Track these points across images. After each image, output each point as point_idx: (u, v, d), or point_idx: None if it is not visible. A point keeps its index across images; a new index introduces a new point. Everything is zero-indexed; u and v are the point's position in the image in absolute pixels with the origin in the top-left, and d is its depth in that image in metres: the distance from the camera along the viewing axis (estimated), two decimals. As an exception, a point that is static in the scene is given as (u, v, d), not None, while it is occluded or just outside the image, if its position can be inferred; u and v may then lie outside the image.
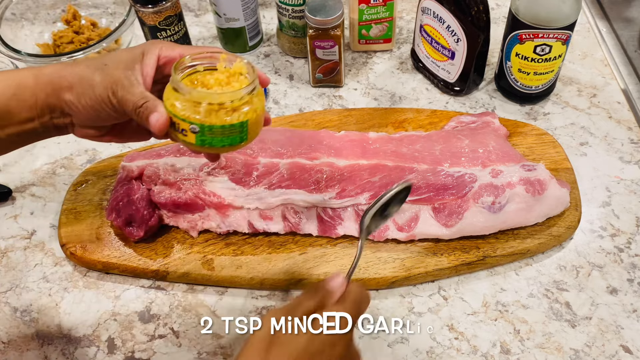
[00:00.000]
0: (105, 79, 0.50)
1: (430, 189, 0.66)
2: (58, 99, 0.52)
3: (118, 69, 0.51)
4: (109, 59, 0.52)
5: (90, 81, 0.51)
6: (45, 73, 0.52)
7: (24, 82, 0.51)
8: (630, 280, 0.65)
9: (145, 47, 0.53)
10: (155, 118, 0.49)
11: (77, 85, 0.51)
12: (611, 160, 0.75)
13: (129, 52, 0.53)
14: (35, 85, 0.51)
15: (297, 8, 0.83)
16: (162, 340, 0.62)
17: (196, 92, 0.48)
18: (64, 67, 0.52)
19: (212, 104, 0.47)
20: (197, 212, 0.68)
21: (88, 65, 0.52)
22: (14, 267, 0.68)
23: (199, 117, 0.48)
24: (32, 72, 0.52)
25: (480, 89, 0.85)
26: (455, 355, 0.60)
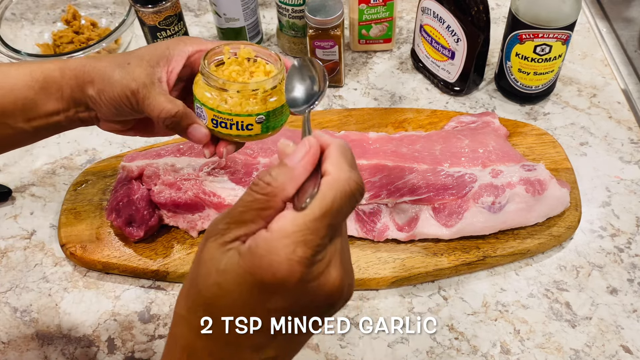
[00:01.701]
0: (125, 77, 0.49)
1: (430, 189, 0.66)
2: (82, 94, 0.51)
3: (140, 67, 0.49)
4: (133, 57, 0.51)
5: (110, 78, 0.49)
6: (71, 67, 0.51)
7: (51, 74, 0.50)
8: (630, 280, 0.65)
9: (172, 43, 0.51)
10: (199, 132, 0.50)
11: (98, 81, 0.50)
12: (611, 160, 0.75)
13: (153, 49, 0.51)
14: (61, 78, 0.50)
15: (297, 8, 0.83)
16: (162, 340, 0.62)
17: (253, 83, 0.49)
18: (89, 61, 0.51)
19: (266, 91, 0.49)
20: (197, 212, 0.68)
21: (111, 61, 0.51)
22: (14, 267, 0.68)
23: (262, 106, 0.49)
24: (58, 65, 0.51)
25: (480, 89, 0.85)
26: (455, 355, 0.60)
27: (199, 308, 0.35)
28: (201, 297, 0.35)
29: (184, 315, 0.36)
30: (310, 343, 0.61)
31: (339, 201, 0.34)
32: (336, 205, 0.34)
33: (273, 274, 0.33)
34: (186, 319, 0.36)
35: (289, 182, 0.35)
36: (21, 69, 0.50)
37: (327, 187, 0.34)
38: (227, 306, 0.34)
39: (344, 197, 0.34)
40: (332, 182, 0.35)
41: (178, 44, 0.51)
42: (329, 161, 0.36)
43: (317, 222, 0.33)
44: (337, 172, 0.35)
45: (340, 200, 0.34)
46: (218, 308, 0.34)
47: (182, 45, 0.51)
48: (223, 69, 0.51)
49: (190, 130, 0.50)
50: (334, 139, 0.37)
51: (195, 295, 0.35)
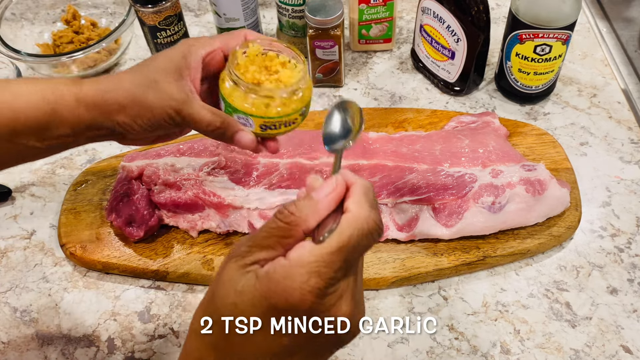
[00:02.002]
0: (161, 97, 0.49)
1: (430, 189, 0.66)
2: (109, 120, 0.49)
3: (170, 83, 0.49)
4: (154, 72, 0.50)
5: (145, 102, 0.49)
6: (88, 94, 0.49)
7: (64, 100, 0.48)
8: (630, 280, 0.65)
9: (185, 50, 0.51)
10: (246, 138, 0.51)
11: (131, 107, 0.49)
12: (611, 160, 0.75)
13: (169, 61, 0.50)
14: (76, 106, 0.49)
15: (297, 8, 0.83)
16: (162, 340, 0.62)
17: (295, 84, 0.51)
18: (108, 85, 0.49)
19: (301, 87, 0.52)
20: (197, 212, 0.68)
21: (135, 82, 0.49)
22: (13, 267, 0.68)
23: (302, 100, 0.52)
24: (71, 90, 0.49)
25: (480, 89, 0.85)
26: (455, 355, 0.60)
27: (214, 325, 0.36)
28: (217, 315, 0.36)
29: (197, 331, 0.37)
30: (310, 343, 0.61)
31: (356, 238, 0.36)
32: (353, 242, 0.36)
33: (286, 300, 0.34)
34: (200, 335, 0.37)
35: (312, 215, 0.37)
36: (32, 89, 0.48)
37: (346, 224, 0.36)
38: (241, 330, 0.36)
39: (362, 234, 0.36)
40: (351, 220, 0.36)
41: (190, 51, 0.51)
42: (351, 199, 0.38)
43: (333, 256, 0.35)
44: (358, 210, 0.37)
45: (357, 238, 0.36)
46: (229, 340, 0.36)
47: (194, 50, 0.51)
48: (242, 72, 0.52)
49: (238, 138, 0.51)
50: (359, 179, 0.39)
51: (211, 313, 0.37)
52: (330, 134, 0.48)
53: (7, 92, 0.47)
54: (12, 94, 0.47)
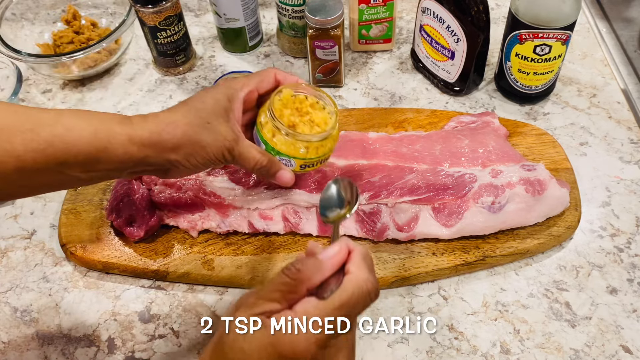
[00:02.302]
0: (216, 138, 0.53)
1: (430, 189, 0.66)
2: (161, 159, 0.52)
3: (221, 125, 0.53)
4: (205, 113, 0.53)
5: (200, 142, 0.53)
6: (143, 135, 0.51)
7: (117, 139, 0.50)
8: (630, 280, 0.65)
9: (228, 93, 0.55)
10: (287, 176, 0.59)
11: (186, 147, 0.52)
12: (611, 160, 0.75)
13: (216, 102, 0.54)
14: (129, 144, 0.51)
15: (297, 8, 0.83)
16: (162, 340, 0.62)
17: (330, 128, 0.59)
18: (160, 126, 0.52)
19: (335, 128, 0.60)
20: (197, 212, 0.68)
21: (190, 123, 0.52)
22: (14, 267, 0.69)
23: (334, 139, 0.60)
24: (124, 130, 0.50)
25: (480, 89, 0.85)
26: (455, 355, 0.60)
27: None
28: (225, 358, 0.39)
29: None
30: (310, 343, 0.61)
31: (356, 297, 0.40)
32: (354, 300, 0.40)
33: (292, 349, 0.38)
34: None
35: (317, 274, 0.41)
36: (85, 124, 0.50)
37: (348, 284, 0.41)
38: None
39: (361, 294, 0.41)
40: (353, 280, 0.41)
41: (233, 94, 0.55)
42: (352, 263, 0.43)
43: (336, 312, 0.39)
44: (358, 272, 0.42)
45: (357, 297, 0.40)
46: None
47: (236, 93, 0.56)
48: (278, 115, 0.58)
49: (279, 176, 0.59)
50: (358, 245, 0.45)
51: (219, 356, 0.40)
52: (326, 204, 0.53)
53: (60, 126, 0.49)
54: (64, 128, 0.49)
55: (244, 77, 0.58)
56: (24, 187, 0.51)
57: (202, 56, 0.92)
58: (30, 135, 0.48)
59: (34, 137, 0.48)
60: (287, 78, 0.60)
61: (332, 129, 0.58)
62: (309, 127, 0.59)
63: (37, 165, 0.48)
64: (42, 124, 0.48)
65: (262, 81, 0.58)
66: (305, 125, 0.59)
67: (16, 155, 0.47)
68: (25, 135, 0.47)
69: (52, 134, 0.48)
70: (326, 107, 0.60)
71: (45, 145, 0.48)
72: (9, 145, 0.47)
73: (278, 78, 0.59)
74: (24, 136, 0.47)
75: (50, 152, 0.48)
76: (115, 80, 0.90)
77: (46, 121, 0.49)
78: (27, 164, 0.48)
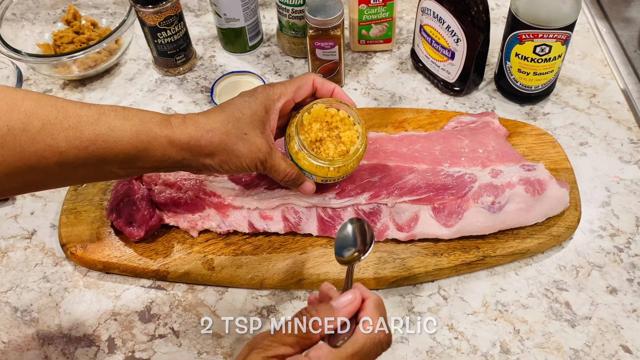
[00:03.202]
0: (251, 150, 0.56)
1: (430, 189, 0.66)
2: (196, 162, 0.55)
3: (257, 137, 0.56)
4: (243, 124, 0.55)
5: (236, 152, 0.55)
6: (183, 140, 0.53)
7: (158, 141, 0.52)
8: (630, 280, 0.65)
9: (266, 103, 0.57)
10: (309, 187, 0.62)
11: (221, 154, 0.55)
12: (611, 160, 0.75)
13: (254, 112, 0.56)
14: (168, 147, 0.53)
15: (297, 8, 0.83)
16: (162, 340, 0.62)
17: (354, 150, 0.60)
18: (200, 132, 0.54)
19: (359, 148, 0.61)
20: (197, 212, 0.68)
21: (227, 132, 0.54)
22: (14, 267, 0.69)
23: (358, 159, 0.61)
24: (164, 132, 0.52)
25: (480, 89, 0.85)
26: (455, 355, 0.60)
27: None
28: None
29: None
30: (310, 343, 0.61)
31: (369, 347, 0.42)
32: (366, 349, 0.41)
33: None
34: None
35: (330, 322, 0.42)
36: (127, 125, 0.51)
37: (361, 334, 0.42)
38: None
39: (373, 344, 0.42)
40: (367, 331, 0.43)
41: (271, 106, 0.57)
42: (365, 311, 0.44)
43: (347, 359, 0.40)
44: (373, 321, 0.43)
45: (369, 347, 0.42)
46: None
47: (273, 104, 0.57)
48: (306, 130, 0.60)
49: (303, 187, 0.62)
50: (372, 294, 0.46)
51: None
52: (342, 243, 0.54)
53: (103, 125, 0.50)
54: (107, 127, 0.50)
55: (281, 84, 0.59)
56: (63, 178, 0.53)
57: (202, 56, 0.92)
58: (74, 132, 0.49)
59: (77, 134, 0.49)
60: (325, 85, 0.61)
61: (355, 152, 0.60)
62: (335, 144, 0.61)
63: (78, 160, 0.49)
64: (84, 122, 0.49)
65: (300, 88, 0.60)
66: (332, 141, 0.61)
67: (59, 152, 0.48)
68: (68, 133, 0.48)
69: (95, 133, 0.49)
70: (356, 124, 0.61)
71: (88, 144, 0.49)
72: (53, 141, 0.48)
73: (316, 85, 0.61)
74: (67, 133, 0.48)
75: (92, 150, 0.50)
76: (115, 80, 0.90)
77: (89, 119, 0.50)
78: (69, 160, 0.49)
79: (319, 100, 0.61)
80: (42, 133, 0.48)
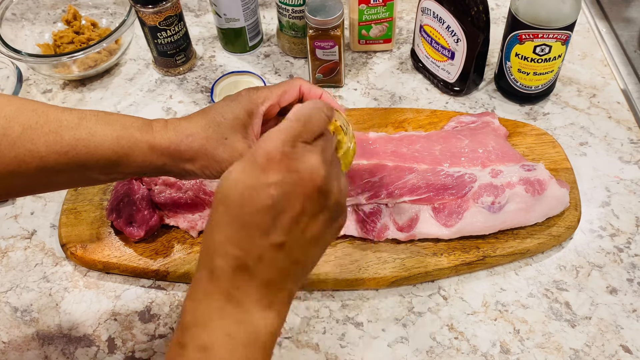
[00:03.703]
0: (232, 155, 0.54)
1: (430, 189, 0.66)
2: (177, 167, 0.54)
3: (238, 141, 0.54)
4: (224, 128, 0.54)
5: (216, 157, 0.54)
6: (162, 145, 0.53)
7: (139, 146, 0.52)
8: (630, 280, 0.65)
9: (248, 107, 0.55)
10: None
11: (201, 159, 0.54)
12: (611, 160, 0.75)
13: (236, 116, 0.55)
14: (149, 152, 0.52)
15: (297, 8, 0.83)
16: (163, 340, 0.62)
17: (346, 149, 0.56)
18: (179, 137, 0.53)
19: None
20: (197, 212, 0.68)
21: (208, 137, 0.54)
22: (14, 267, 0.69)
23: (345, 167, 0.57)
24: (145, 137, 0.52)
25: (480, 89, 0.85)
26: (455, 355, 0.60)
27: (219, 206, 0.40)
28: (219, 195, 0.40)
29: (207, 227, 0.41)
30: (310, 342, 0.61)
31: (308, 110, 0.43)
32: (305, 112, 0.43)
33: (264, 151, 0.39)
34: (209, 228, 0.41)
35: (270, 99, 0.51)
36: (108, 130, 0.51)
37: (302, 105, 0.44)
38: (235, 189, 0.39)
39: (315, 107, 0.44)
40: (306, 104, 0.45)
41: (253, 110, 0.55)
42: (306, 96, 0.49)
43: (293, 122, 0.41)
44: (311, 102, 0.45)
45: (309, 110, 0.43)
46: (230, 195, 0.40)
47: (256, 108, 0.55)
48: None
49: None
50: None
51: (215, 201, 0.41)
52: None
53: (84, 130, 0.50)
54: (88, 133, 0.50)
55: (266, 88, 0.57)
56: (44, 184, 0.52)
57: (202, 56, 0.92)
58: (54, 137, 0.49)
59: (58, 139, 0.49)
60: (312, 90, 0.59)
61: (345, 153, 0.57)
62: None
63: (58, 166, 0.49)
64: (65, 127, 0.49)
65: (286, 93, 0.57)
66: None
67: (39, 157, 0.48)
68: (48, 137, 0.48)
69: (75, 138, 0.49)
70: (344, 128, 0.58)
71: (68, 149, 0.49)
72: (33, 146, 0.48)
73: (302, 90, 0.58)
74: (47, 138, 0.48)
75: (72, 155, 0.49)
76: (115, 80, 0.90)
77: (69, 124, 0.50)
78: (49, 165, 0.49)
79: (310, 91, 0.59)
80: (22, 138, 0.48)
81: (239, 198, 0.39)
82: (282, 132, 0.41)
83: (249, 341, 0.39)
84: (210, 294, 0.39)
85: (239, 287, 0.39)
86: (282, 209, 0.39)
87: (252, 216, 0.39)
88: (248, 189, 0.39)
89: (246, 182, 0.39)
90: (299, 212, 0.40)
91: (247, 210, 0.39)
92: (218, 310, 0.39)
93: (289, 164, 0.39)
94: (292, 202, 0.39)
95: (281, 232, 0.39)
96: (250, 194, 0.39)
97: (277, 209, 0.39)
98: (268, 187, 0.39)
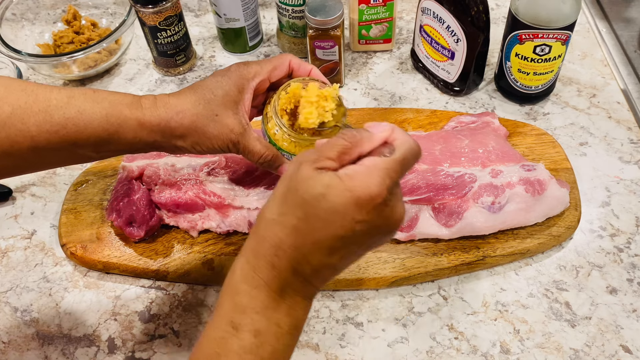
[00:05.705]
0: (222, 131, 0.54)
1: (430, 189, 0.66)
2: (168, 143, 0.55)
3: (229, 117, 0.54)
4: (214, 105, 0.54)
5: (207, 133, 0.54)
6: (152, 122, 0.53)
7: (128, 123, 0.52)
8: (630, 280, 0.65)
9: (239, 83, 0.55)
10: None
11: (192, 136, 0.54)
12: (611, 160, 0.75)
13: (226, 93, 0.55)
14: (139, 129, 0.53)
15: (297, 8, 0.83)
16: (162, 340, 0.62)
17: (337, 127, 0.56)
18: (169, 114, 0.53)
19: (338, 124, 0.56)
20: (197, 212, 0.68)
21: (198, 114, 0.54)
22: (14, 267, 0.69)
23: None
24: (134, 114, 0.52)
25: (480, 89, 0.85)
26: (455, 355, 0.60)
27: (297, 209, 0.41)
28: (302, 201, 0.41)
29: (275, 219, 0.42)
30: (310, 342, 0.61)
31: (410, 153, 0.44)
32: (409, 156, 0.43)
33: (368, 193, 0.40)
34: (278, 222, 0.42)
35: (368, 142, 0.44)
36: (97, 108, 0.51)
37: (402, 145, 0.43)
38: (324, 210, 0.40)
39: (413, 151, 0.44)
40: (405, 141, 0.44)
41: (244, 85, 0.55)
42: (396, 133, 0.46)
43: (397, 165, 0.42)
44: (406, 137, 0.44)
45: (411, 153, 0.44)
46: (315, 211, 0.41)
47: (247, 83, 0.56)
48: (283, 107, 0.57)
49: (281, 169, 0.59)
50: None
51: (294, 200, 0.42)
52: None
53: (73, 109, 0.50)
54: (76, 111, 0.50)
55: (256, 63, 0.57)
56: (37, 163, 0.53)
57: (202, 56, 0.92)
58: (44, 116, 0.49)
59: (47, 118, 0.49)
60: (302, 66, 0.59)
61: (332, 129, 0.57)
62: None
63: (50, 145, 0.50)
64: (54, 106, 0.50)
65: (276, 68, 0.58)
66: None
67: (30, 136, 0.49)
68: (38, 117, 0.49)
69: (65, 117, 0.50)
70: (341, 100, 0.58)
71: (58, 128, 0.49)
72: (23, 126, 0.48)
73: (292, 66, 0.59)
74: (37, 117, 0.49)
75: (63, 134, 0.50)
76: (115, 80, 0.90)
77: (58, 103, 0.50)
78: (41, 144, 0.49)
79: (295, 79, 0.59)
80: (13, 118, 0.48)
81: (323, 216, 0.40)
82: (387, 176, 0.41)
83: (290, 329, 0.43)
84: (270, 286, 0.42)
85: (293, 285, 0.43)
86: (356, 241, 0.42)
87: (330, 241, 0.41)
88: (336, 214, 0.40)
89: (337, 208, 0.40)
90: (366, 246, 0.44)
91: (328, 232, 0.41)
92: (274, 302, 0.42)
93: (383, 210, 0.41)
94: (367, 239, 0.42)
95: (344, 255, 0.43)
96: (336, 219, 0.40)
97: (353, 240, 0.41)
98: (356, 222, 0.41)
